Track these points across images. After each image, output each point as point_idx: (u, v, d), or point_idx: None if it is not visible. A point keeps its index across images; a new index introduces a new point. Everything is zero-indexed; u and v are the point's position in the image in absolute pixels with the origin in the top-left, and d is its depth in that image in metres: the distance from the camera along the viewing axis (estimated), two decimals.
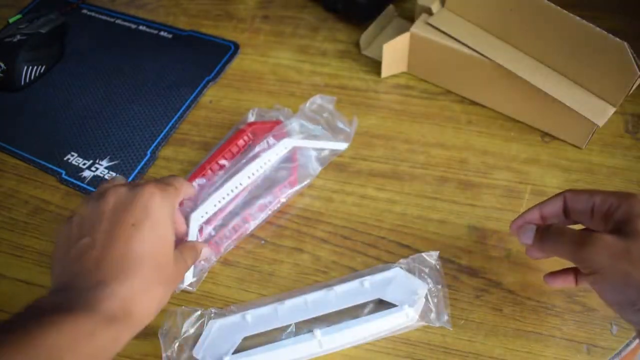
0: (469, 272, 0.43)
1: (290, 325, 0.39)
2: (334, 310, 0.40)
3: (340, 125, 0.50)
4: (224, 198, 0.45)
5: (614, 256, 0.30)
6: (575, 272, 0.38)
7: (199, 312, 0.40)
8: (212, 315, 0.40)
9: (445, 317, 0.40)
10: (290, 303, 0.40)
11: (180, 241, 0.39)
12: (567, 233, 0.33)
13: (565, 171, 0.48)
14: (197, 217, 0.44)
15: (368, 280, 0.41)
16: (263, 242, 0.46)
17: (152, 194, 0.33)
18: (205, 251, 0.41)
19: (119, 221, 0.32)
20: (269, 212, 0.46)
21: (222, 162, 0.48)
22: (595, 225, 0.34)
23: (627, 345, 0.39)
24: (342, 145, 0.50)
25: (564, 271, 0.38)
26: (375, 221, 0.46)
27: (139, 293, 0.30)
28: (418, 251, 0.44)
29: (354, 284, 0.41)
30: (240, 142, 0.49)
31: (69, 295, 0.29)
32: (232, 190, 0.45)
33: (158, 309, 0.32)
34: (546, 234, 0.34)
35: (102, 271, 0.30)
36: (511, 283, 0.42)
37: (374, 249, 0.45)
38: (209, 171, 0.47)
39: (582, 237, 0.31)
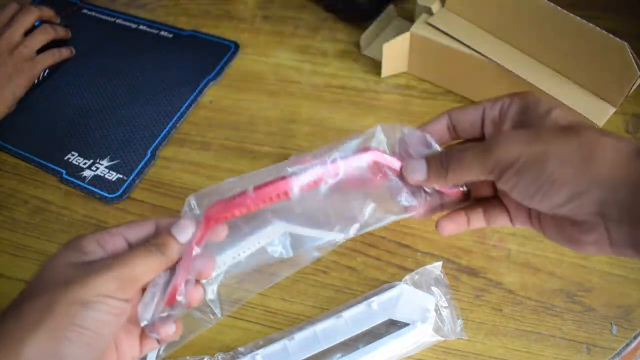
0: (469, 272, 0.43)
1: None
2: (346, 337, 0.39)
3: None
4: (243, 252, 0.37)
5: (524, 143, 0.27)
6: (465, 212, 0.34)
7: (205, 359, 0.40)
8: None
9: (459, 328, 0.40)
10: (300, 337, 0.39)
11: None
12: (468, 147, 0.29)
13: None
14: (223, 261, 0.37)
15: (375, 302, 0.40)
16: None
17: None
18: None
19: None
20: None
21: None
22: (488, 134, 0.32)
23: (627, 345, 0.39)
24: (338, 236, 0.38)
25: (454, 214, 0.34)
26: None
27: None
28: (418, 250, 0.44)
29: (361, 307, 0.40)
30: None
31: None
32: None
33: None
34: (447, 159, 0.30)
35: None
36: (511, 283, 0.42)
37: (374, 249, 0.45)
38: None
39: (485, 143, 0.28)
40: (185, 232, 0.29)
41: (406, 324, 0.39)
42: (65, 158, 0.53)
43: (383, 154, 0.31)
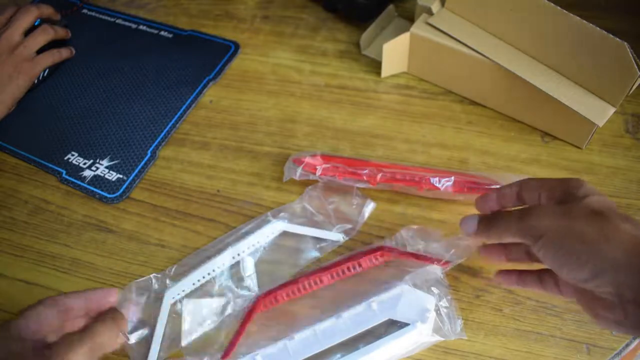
0: (469, 272, 0.43)
1: None
2: (346, 337, 0.39)
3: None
4: (207, 275, 0.43)
5: (555, 217, 0.31)
6: (520, 273, 0.39)
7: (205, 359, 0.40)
8: None
9: (459, 328, 0.40)
10: (300, 337, 0.39)
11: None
12: (509, 212, 0.35)
13: (565, 171, 0.48)
14: (171, 295, 0.42)
15: (376, 302, 0.40)
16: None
17: None
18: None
19: None
20: None
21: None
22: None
23: (627, 345, 0.39)
24: (337, 237, 0.45)
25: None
26: (376, 221, 0.46)
27: None
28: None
29: (362, 307, 0.40)
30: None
31: None
32: (213, 270, 0.43)
33: None
34: (492, 219, 0.36)
35: None
36: None
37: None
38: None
39: (524, 210, 0.34)
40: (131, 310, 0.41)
41: (406, 324, 0.39)
42: (65, 158, 0.53)
43: (392, 249, 0.42)
